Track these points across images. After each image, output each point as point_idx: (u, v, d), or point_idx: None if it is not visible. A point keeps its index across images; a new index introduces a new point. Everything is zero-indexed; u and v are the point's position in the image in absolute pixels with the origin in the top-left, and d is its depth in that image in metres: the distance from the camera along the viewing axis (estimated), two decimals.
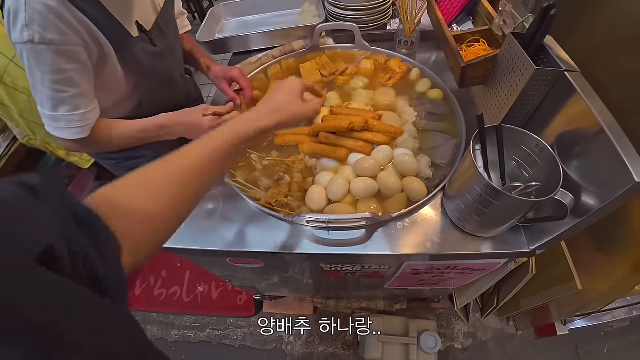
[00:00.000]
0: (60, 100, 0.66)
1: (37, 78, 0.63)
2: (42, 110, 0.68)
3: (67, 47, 0.62)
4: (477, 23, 0.99)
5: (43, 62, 0.61)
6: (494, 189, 0.58)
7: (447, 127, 0.89)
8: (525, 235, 0.73)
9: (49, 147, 1.33)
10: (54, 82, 0.63)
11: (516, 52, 0.70)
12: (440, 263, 0.80)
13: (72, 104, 0.67)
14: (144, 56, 0.77)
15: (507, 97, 0.73)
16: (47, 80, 0.63)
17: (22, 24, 0.57)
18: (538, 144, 0.64)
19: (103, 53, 0.70)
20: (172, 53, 0.86)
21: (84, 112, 0.69)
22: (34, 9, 0.57)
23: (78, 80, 0.66)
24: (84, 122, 0.70)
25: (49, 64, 0.61)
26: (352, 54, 1.12)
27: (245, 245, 0.74)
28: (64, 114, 0.67)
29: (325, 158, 0.84)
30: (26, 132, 1.24)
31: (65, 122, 0.68)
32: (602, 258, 0.98)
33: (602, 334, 1.46)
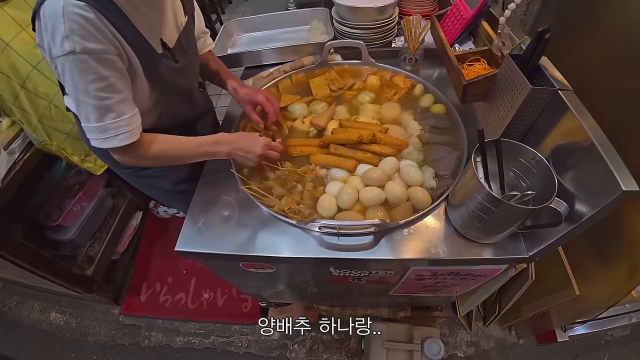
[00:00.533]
0: (106, 108, 0.67)
1: (81, 89, 0.64)
2: (88, 125, 0.69)
3: (107, 55, 0.64)
4: (477, 43, 1.06)
5: (85, 71, 0.63)
6: (494, 198, 0.63)
7: (449, 140, 0.95)
8: (524, 242, 0.77)
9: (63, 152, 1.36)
10: (98, 89, 0.65)
11: (514, 72, 0.75)
12: (444, 269, 0.84)
13: (118, 109, 0.68)
14: (167, 71, 0.82)
15: (505, 113, 0.78)
16: (91, 89, 0.64)
17: (62, 36, 0.59)
18: (534, 156, 0.69)
19: (131, 68, 0.74)
20: (191, 68, 0.92)
21: (129, 117, 0.71)
22: (73, 20, 0.59)
23: (119, 86, 0.68)
24: (130, 126, 0.71)
25: (92, 72, 0.63)
26: (358, 70, 1.19)
27: (259, 249, 0.78)
28: (111, 121, 0.68)
29: (335, 168, 0.89)
30: (43, 138, 1.27)
31: (113, 130, 0.69)
32: (598, 265, 1.02)
33: (603, 343, 1.48)
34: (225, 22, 1.43)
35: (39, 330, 1.68)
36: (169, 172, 1.01)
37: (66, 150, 1.35)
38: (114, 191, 1.80)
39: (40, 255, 1.31)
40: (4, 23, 1.05)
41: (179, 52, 0.84)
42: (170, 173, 1.01)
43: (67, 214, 1.50)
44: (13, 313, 1.76)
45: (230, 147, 0.83)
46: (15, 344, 1.66)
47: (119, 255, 1.80)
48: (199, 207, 0.87)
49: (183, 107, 0.95)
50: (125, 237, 1.84)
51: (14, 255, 1.20)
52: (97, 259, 1.61)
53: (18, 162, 1.21)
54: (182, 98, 0.92)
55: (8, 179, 1.15)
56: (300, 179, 0.89)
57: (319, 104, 1.07)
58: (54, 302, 1.76)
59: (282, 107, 1.07)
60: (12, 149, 1.24)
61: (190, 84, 0.93)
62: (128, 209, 1.85)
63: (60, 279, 1.40)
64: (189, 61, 0.89)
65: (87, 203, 1.60)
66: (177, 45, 0.84)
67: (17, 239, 1.22)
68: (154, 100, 0.84)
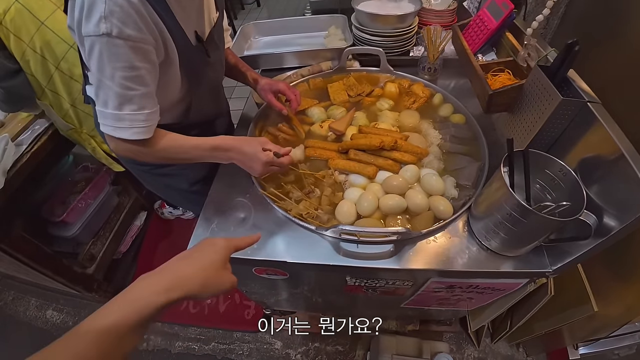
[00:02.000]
0: (127, 99, 0.64)
1: (107, 74, 0.61)
2: (104, 110, 0.65)
3: (143, 44, 0.61)
4: (500, 54, 1.05)
5: (117, 57, 0.59)
6: (524, 208, 0.61)
7: (470, 150, 0.93)
8: (548, 256, 0.75)
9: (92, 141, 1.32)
10: (125, 78, 0.61)
11: (542, 83, 0.74)
12: (463, 281, 0.82)
13: (139, 103, 0.65)
14: (200, 65, 0.80)
15: (532, 124, 0.77)
16: (118, 76, 0.61)
17: (100, 16, 0.56)
18: (562, 168, 0.68)
19: (168, 57, 0.71)
20: (220, 64, 0.91)
21: (149, 113, 0.68)
22: (115, 2, 0.56)
23: (148, 79, 0.65)
24: (148, 122, 0.68)
25: (123, 60, 0.60)
26: (376, 77, 1.18)
27: (274, 254, 0.76)
28: (129, 112, 0.65)
29: (354, 174, 0.87)
30: (72, 124, 1.23)
31: (129, 121, 0.66)
32: (615, 282, 1.00)
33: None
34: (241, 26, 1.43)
35: (35, 328, 1.64)
36: (187, 172, 1.00)
37: (96, 137, 1.32)
38: (119, 189, 1.78)
39: (41, 250, 1.29)
40: (38, 1, 1.03)
41: (211, 46, 0.84)
42: (188, 172, 1.00)
43: (72, 210, 1.48)
44: (9, 308, 1.72)
45: (229, 157, 0.78)
46: (9, 340, 1.62)
47: (121, 254, 1.77)
48: (213, 208, 0.85)
49: (210, 102, 0.94)
50: (129, 236, 1.82)
51: (15, 249, 1.17)
52: (98, 257, 1.58)
53: (25, 155, 1.19)
54: (210, 93, 0.92)
55: (14, 170, 1.12)
56: (318, 184, 0.87)
57: (337, 109, 1.06)
58: (51, 299, 1.72)
59: (299, 110, 1.05)
60: (20, 140, 1.22)
61: (218, 79, 0.93)
62: (133, 208, 1.82)
63: (60, 276, 1.37)
64: (219, 56, 0.89)
65: (92, 200, 1.58)
66: (209, 39, 0.83)
67: (19, 232, 1.20)
68: (183, 93, 0.83)
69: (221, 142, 0.77)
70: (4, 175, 1.07)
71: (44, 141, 1.25)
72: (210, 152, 0.77)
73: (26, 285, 1.68)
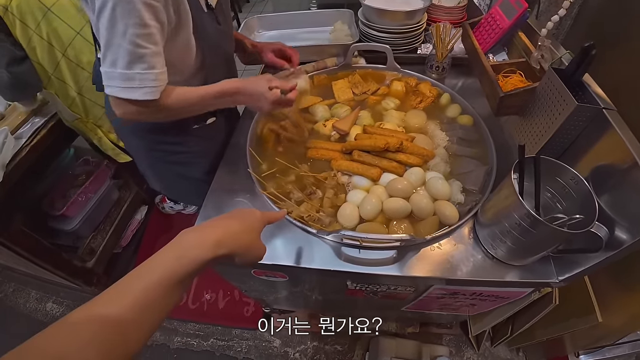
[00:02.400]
0: (138, 57, 0.63)
1: (119, 31, 0.61)
2: (113, 70, 0.65)
3: (154, 2, 0.62)
4: (512, 54, 1.02)
5: (130, 13, 0.59)
6: (534, 218, 0.59)
7: (477, 153, 0.90)
8: (555, 266, 0.73)
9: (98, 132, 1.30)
10: (137, 36, 0.61)
11: (557, 86, 0.71)
12: (466, 288, 0.80)
13: (150, 62, 0.65)
14: (212, 32, 0.79)
15: (545, 129, 0.74)
16: (130, 33, 0.61)
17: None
18: (573, 176, 0.65)
19: (180, 21, 0.70)
20: (230, 35, 0.91)
21: (159, 72, 0.67)
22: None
23: (157, 38, 0.65)
24: (157, 82, 0.67)
25: (136, 16, 0.60)
26: (382, 75, 1.15)
27: (273, 257, 0.74)
28: (139, 71, 0.64)
29: (357, 176, 0.84)
30: (79, 113, 1.22)
31: (138, 80, 0.65)
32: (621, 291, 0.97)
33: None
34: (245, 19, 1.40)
35: (34, 320, 1.64)
36: (202, 161, 1.00)
37: (102, 127, 1.30)
38: (120, 183, 1.77)
39: (40, 244, 1.28)
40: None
41: (220, 14, 0.83)
42: (202, 161, 1.00)
43: (72, 203, 1.47)
44: (9, 300, 1.72)
45: (235, 100, 0.80)
46: (9, 332, 1.62)
47: (121, 249, 1.76)
48: (212, 207, 0.83)
49: (224, 73, 0.93)
50: (129, 230, 1.81)
51: (14, 242, 1.17)
52: (99, 251, 1.57)
53: (25, 148, 1.17)
54: (225, 64, 0.92)
55: (13, 164, 1.11)
56: (319, 185, 0.85)
57: (341, 107, 1.03)
58: (51, 292, 1.72)
59: (302, 108, 1.03)
60: (20, 134, 1.21)
61: (230, 50, 0.93)
62: (133, 202, 1.81)
63: (59, 270, 1.36)
64: (228, 26, 0.89)
65: (92, 194, 1.57)
66: (218, 6, 0.82)
67: (18, 226, 1.19)
68: (199, 63, 0.82)
69: (227, 87, 0.77)
70: (3, 169, 1.05)
71: (43, 134, 1.23)
72: (217, 99, 0.77)
73: (26, 277, 1.67)
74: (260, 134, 0.97)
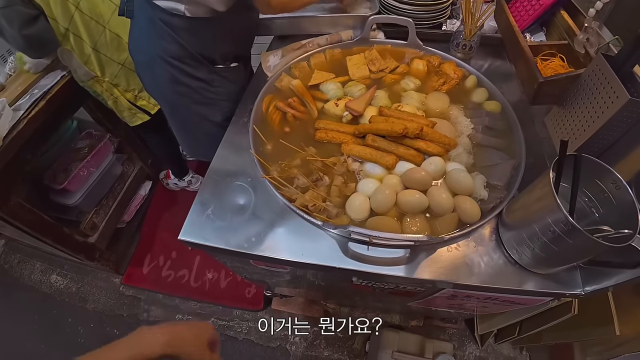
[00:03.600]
0: None
1: None
2: None
3: None
4: (551, 35, 0.90)
5: None
6: (572, 226, 0.51)
7: (504, 144, 0.81)
8: (582, 276, 0.65)
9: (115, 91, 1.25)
10: None
11: (606, 75, 0.61)
12: (481, 293, 0.73)
13: None
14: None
15: (588, 124, 0.65)
16: None
17: None
18: (616, 180, 0.57)
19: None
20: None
21: None
22: None
23: None
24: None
25: None
26: (402, 52, 1.04)
27: (273, 250, 0.68)
28: None
29: (370, 163, 0.77)
30: (94, 72, 1.18)
31: None
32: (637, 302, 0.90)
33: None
34: None
35: (39, 292, 1.65)
36: (223, 103, 1.01)
37: (119, 85, 1.26)
38: (123, 158, 1.72)
39: (41, 218, 1.25)
40: None
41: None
42: (224, 104, 1.01)
43: (73, 177, 1.43)
44: (14, 271, 1.73)
45: None
46: (14, 303, 1.65)
47: (124, 224, 1.74)
48: (209, 191, 0.76)
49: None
50: (133, 206, 1.78)
51: (13, 216, 1.14)
52: (101, 226, 1.55)
53: (22, 120, 1.12)
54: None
55: (11, 137, 1.06)
56: (327, 171, 0.77)
57: (356, 85, 0.93)
58: (56, 264, 1.72)
59: (313, 85, 0.94)
60: (18, 105, 1.16)
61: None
62: (137, 177, 1.77)
63: (60, 244, 1.34)
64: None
65: (94, 168, 1.53)
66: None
67: (17, 200, 1.15)
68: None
69: None
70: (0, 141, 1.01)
71: (42, 106, 1.18)
72: None
73: (32, 249, 1.68)
74: (265, 111, 0.89)
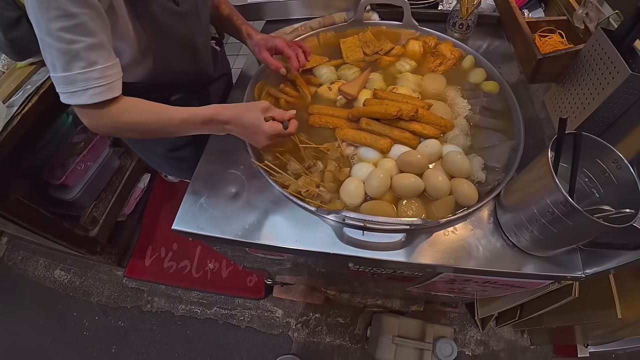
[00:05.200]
0: (73, 55, 0.54)
1: (43, 28, 0.52)
2: (55, 75, 0.56)
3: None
4: (549, 11, 0.87)
5: (48, 5, 0.50)
6: (571, 207, 0.50)
7: (502, 125, 0.79)
8: (582, 258, 0.64)
9: None
10: (63, 30, 0.52)
11: (606, 51, 0.59)
12: (480, 277, 0.73)
13: (88, 58, 0.55)
14: (163, 14, 0.67)
15: (588, 102, 0.63)
16: (55, 28, 0.52)
17: None
18: (617, 159, 0.55)
19: (111, 6, 0.60)
20: (196, 16, 0.76)
21: (104, 67, 0.57)
22: None
23: (92, 27, 0.54)
24: (105, 79, 0.58)
25: (55, 7, 0.51)
26: (397, 33, 1.01)
27: (268, 238, 0.68)
28: (79, 71, 0.55)
29: (365, 147, 0.75)
30: None
31: (82, 82, 0.56)
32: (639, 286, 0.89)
33: (614, 357, 1.38)
34: None
35: (43, 287, 1.67)
36: None
37: None
38: (120, 151, 1.71)
39: (40, 214, 1.25)
40: None
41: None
42: None
43: (71, 172, 1.42)
44: (18, 268, 1.75)
45: (226, 130, 0.67)
46: (19, 299, 1.67)
47: (125, 217, 1.75)
48: (202, 180, 0.76)
49: (183, 63, 0.80)
50: (132, 199, 1.78)
51: (13, 214, 1.14)
52: (101, 220, 1.55)
53: (16, 116, 1.11)
54: (182, 51, 0.77)
55: (5, 133, 1.06)
56: (321, 156, 0.76)
57: (349, 68, 0.91)
58: (59, 259, 1.74)
59: (306, 69, 0.91)
60: (12, 102, 1.15)
61: (193, 35, 0.77)
62: (135, 170, 1.77)
63: (61, 239, 1.35)
64: (194, 7, 0.73)
65: (92, 162, 1.52)
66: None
67: (15, 196, 1.15)
68: (143, 48, 0.70)
69: (216, 113, 0.65)
70: None
71: (35, 101, 1.16)
72: (203, 125, 0.66)
73: (35, 245, 1.69)
74: (257, 98, 0.87)
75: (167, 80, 0.77)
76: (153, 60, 0.73)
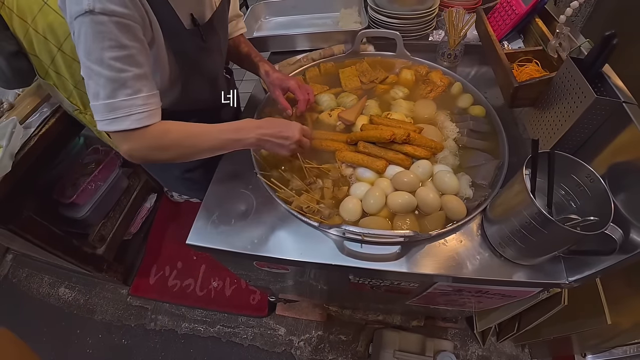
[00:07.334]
0: (121, 83, 0.58)
1: (94, 57, 0.56)
2: (96, 103, 0.60)
3: (129, 21, 0.57)
4: (528, 42, 0.96)
5: (102, 35, 0.54)
6: (545, 218, 0.56)
7: (488, 146, 0.87)
8: (565, 266, 0.70)
9: None
10: (115, 59, 0.56)
11: (575, 77, 0.67)
12: (471, 286, 0.78)
13: (134, 86, 0.59)
14: (193, 49, 0.76)
15: (560, 123, 0.70)
16: (107, 57, 0.56)
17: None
18: (589, 174, 0.62)
19: (152, 40, 0.66)
20: (219, 51, 0.85)
21: (147, 96, 0.61)
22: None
23: (140, 59, 0.60)
24: (148, 106, 0.61)
25: (110, 39, 0.55)
26: (391, 63, 1.11)
27: (275, 250, 0.73)
28: (124, 98, 0.59)
29: (362, 168, 0.82)
30: (77, 106, 1.22)
31: (126, 108, 0.59)
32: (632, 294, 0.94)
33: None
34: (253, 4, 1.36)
35: (47, 304, 1.69)
36: None
37: None
38: (129, 171, 1.78)
39: (51, 231, 1.30)
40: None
41: (208, 31, 0.78)
42: None
43: (82, 191, 1.49)
44: (22, 285, 1.77)
45: (258, 134, 0.72)
46: (23, 316, 1.68)
47: (131, 235, 1.79)
48: (214, 198, 0.82)
49: (205, 91, 0.88)
50: (138, 218, 1.83)
51: (25, 230, 1.19)
52: (108, 238, 1.60)
53: (33, 137, 1.19)
54: (205, 81, 0.86)
55: (22, 153, 1.13)
56: (322, 175, 0.83)
57: (348, 96, 1.00)
58: (63, 277, 1.77)
59: None
60: (29, 123, 1.22)
61: (216, 67, 0.87)
62: (143, 190, 1.83)
63: (70, 257, 1.39)
64: (217, 42, 0.83)
65: (102, 182, 1.58)
66: (207, 23, 0.78)
67: (28, 214, 1.21)
68: (173, 79, 0.78)
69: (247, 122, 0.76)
70: (12, 158, 1.07)
71: (52, 123, 1.24)
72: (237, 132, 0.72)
73: (40, 263, 1.73)
74: None
75: (187, 107, 0.85)
76: (180, 90, 0.81)
